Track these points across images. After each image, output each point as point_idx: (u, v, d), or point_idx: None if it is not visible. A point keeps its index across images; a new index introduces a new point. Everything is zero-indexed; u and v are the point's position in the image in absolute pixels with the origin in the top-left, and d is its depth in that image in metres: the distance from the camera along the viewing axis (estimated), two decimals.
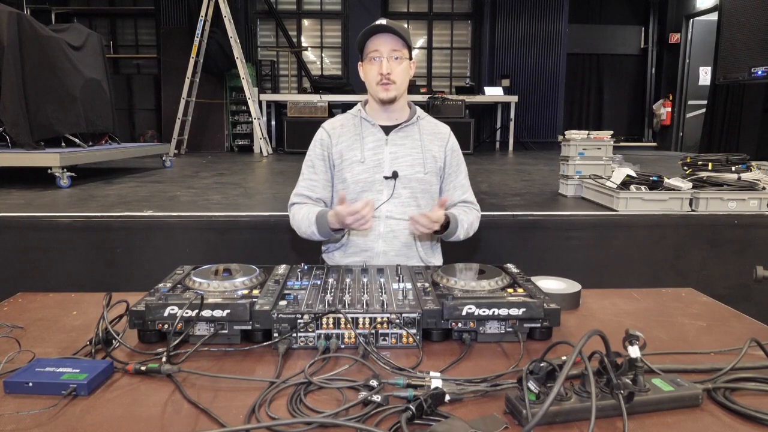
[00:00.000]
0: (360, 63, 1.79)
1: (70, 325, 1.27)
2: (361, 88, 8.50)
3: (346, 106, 8.31)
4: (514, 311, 1.14)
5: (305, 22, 9.59)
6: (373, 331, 1.12)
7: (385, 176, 1.77)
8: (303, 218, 1.74)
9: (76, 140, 4.70)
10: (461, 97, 7.88)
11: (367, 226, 1.61)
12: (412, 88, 8.41)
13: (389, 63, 1.69)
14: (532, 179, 4.66)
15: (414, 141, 1.81)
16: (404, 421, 0.80)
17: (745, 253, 2.90)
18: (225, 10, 7.01)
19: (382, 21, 1.70)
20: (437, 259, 1.92)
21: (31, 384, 0.93)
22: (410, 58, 1.77)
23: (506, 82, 8.56)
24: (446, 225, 1.72)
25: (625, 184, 3.12)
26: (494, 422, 0.84)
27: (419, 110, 1.89)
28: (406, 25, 1.79)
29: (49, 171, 3.89)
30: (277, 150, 8.10)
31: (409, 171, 1.78)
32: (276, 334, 1.11)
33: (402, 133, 1.82)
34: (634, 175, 3.22)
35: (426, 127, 1.86)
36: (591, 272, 2.87)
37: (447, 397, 0.90)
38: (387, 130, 1.82)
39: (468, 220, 1.81)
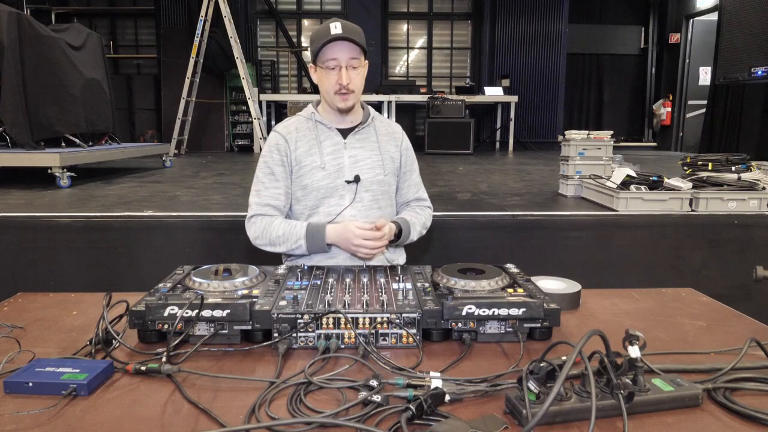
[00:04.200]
0: (311, 65, 1.72)
1: (70, 325, 1.27)
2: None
3: None
4: (514, 311, 1.14)
5: (305, 22, 9.59)
6: (373, 331, 1.12)
7: (347, 180, 1.74)
8: (285, 234, 1.67)
9: (76, 140, 4.70)
10: (461, 97, 7.88)
11: (367, 257, 1.64)
12: (413, 89, 8.41)
13: (348, 73, 1.65)
14: (532, 179, 4.66)
15: (371, 143, 1.80)
16: (404, 421, 0.80)
17: (745, 253, 2.90)
18: (225, 10, 7.01)
19: (338, 26, 1.64)
20: (401, 258, 1.90)
21: (31, 384, 0.93)
22: (365, 59, 1.71)
23: (506, 82, 8.56)
24: (398, 234, 1.74)
25: (625, 184, 3.12)
26: (494, 422, 0.84)
27: (371, 109, 1.86)
28: (358, 26, 1.75)
29: (49, 171, 3.89)
30: None
31: (370, 174, 1.76)
32: (276, 334, 1.11)
33: (359, 135, 1.79)
34: (634, 175, 3.22)
35: (380, 127, 1.84)
36: (591, 272, 2.87)
37: (447, 397, 0.90)
38: (344, 133, 1.78)
39: (420, 222, 1.84)
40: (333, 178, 1.73)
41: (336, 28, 1.63)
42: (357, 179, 1.74)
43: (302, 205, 1.77)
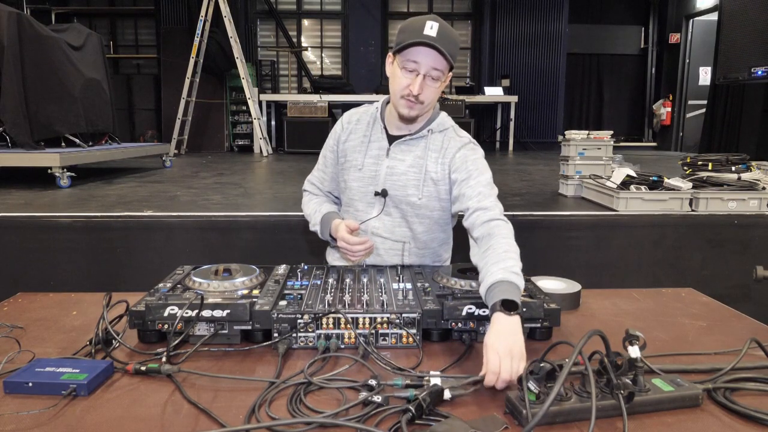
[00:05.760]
0: (391, 55, 1.51)
1: (70, 325, 1.27)
2: (361, 88, 8.49)
3: (346, 107, 8.28)
4: None
5: (305, 22, 9.58)
6: (373, 331, 1.12)
7: (376, 192, 1.60)
8: (311, 214, 1.71)
9: (76, 140, 4.69)
10: (461, 97, 7.88)
11: (353, 260, 1.58)
12: None
13: (423, 82, 1.45)
14: (532, 179, 4.66)
15: (415, 158, 1.58)
16: (404, 421, 0.80)
17: (745, 253, 2.90)
18: (225, 10, 7.01)
19: (434, 28, 1.40)
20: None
21: (31, 384, 0.93)
22: (450, 72, 1.51)
23: (506, 82, 8.56)
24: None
25: (625, 184, 3.12)
26: (494, 422, 0.84)
27: (439, 121, 1.63)
28: (455, 34, 1.48)
29: (49, 171, 3.89)
30: (277, 150, 8.10)
31: (400, 192, 1.58)
32: (276, 334, 1.11)
33: (404, 146, 1.60)
34: (634, 175, 3.22)
35: (435, 142, 1.59)
36: (591, 272, 2.86)
37: (447, 394, 0.90)
38: (393, 139, 1.61)
39: (502, 242, 1.28)
40: (366, 183, 1.62)
41: (431, 29, 1.40)
42: (384, 194, 1.59)
43: (343, 198, 1.74)
